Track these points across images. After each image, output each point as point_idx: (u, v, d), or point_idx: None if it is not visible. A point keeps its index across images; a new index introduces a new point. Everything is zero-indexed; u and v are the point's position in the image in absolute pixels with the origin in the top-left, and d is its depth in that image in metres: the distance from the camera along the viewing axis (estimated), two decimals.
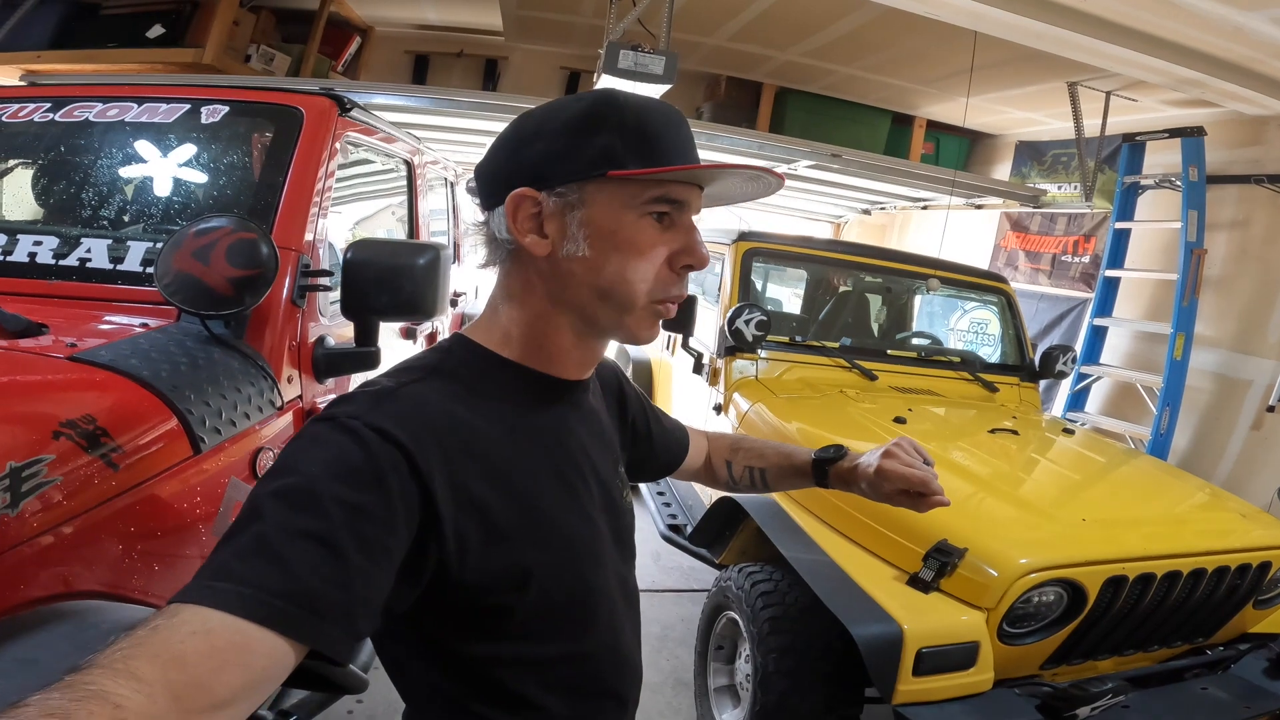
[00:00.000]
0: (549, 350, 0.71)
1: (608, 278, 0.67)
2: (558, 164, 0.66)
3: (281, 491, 0.53)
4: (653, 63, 2.78)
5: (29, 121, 1.61)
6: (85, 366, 1.04)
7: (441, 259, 1.53)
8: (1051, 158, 5.20)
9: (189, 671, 0.43)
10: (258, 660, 0.46)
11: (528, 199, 0.67)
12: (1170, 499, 2.21)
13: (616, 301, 0.67)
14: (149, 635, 0.43)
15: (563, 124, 0.67)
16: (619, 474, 0.83)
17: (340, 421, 0.58)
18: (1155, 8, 2.69)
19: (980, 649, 1.59)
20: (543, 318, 0.70)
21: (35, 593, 0.78)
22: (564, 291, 0.68)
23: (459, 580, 0.61)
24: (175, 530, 1.01)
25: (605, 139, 0.65)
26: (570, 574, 0.69)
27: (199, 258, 1.22)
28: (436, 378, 0.66)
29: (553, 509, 0.68)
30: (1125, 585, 1.70)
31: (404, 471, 0.57)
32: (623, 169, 0.64)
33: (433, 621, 0.64)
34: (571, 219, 0.66)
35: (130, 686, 0.40)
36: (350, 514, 0.53)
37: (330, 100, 1.70)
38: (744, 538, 2.30)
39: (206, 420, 1.12)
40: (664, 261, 0.68)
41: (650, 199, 0.66)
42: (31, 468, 0.81)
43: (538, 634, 0.68)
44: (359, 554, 0.52)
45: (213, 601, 0.46)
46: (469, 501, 0.61)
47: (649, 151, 0.65)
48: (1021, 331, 3.33)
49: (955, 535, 1.70)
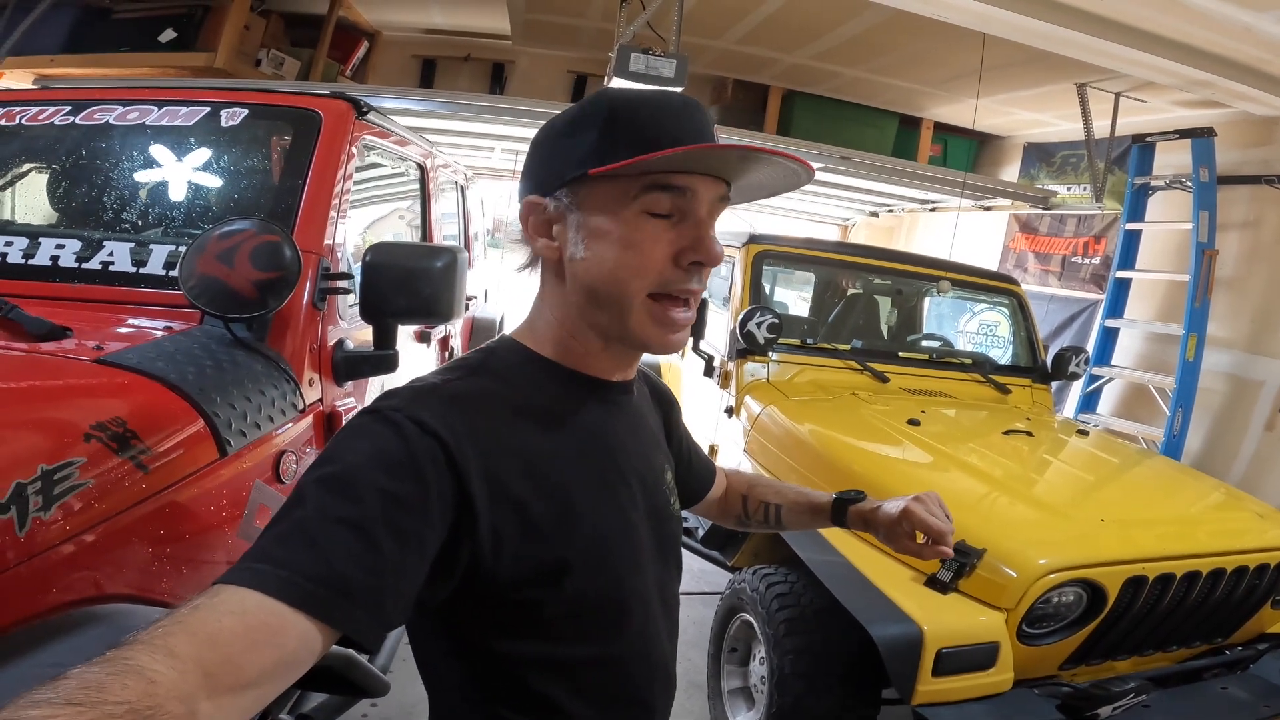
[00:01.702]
0: (581, 351, 0.71)
1: (602, 278, 0.66)
2: (550, 169, 0.68)
3: (323, 479, 0.55)
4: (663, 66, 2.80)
5: (49, 125, 1.62)
6: (112, 369, 1.04)
7: (459, 262, 1.54)
8: (1061, 159, 5.19)
9: (222, 650, 0.44)
10: (289, 641, 0.48)
11: (534, 205, 0.69)
12: (1186, 499, 2.21)
13: (612, 303, 0.67)
14: (189, 614, 0.45)
15: (556, 129, 0.68)
16: (666, 481, 0.82)
17: (383, 414, 0.59)
18: (1163, 8, 2.69)
19: (1000, 649, 1.59)
20: (567, 321, 0.71)
21: (67, 597, 0.78)
22: (571, 293, 0.69)
23: (493, 575, 0.61)
24: (202, 533, 1.01)
25: (589, 137, 0.65)
26: (604, 574, 0.68)
27: (223, 260, 1.22)
28: (479, 375, 0.67)
29: (588, 507, 0.68)
30: (1145, 585, 1.70)
31: (441, 464, 0.58)
32: (605, 164, 0.63)
33: (464, 617, 0.65)
34: (570, 222, 0.67)
35: (166, 663, 0.41)
36: (388, 503, 0.54)
37: (347, 103, 1.71)
38: (756, 540, 2.31)
39: (232, 423, 1.12)
40: (668, 258, 0.66)
41: (642, 190, 0.64)
42: (63, 470, 0.81)
43: (568, 634, 0.67)
44: (394, 543, 0.53)
45: (250, 583, 0.48)
46: (505, 496, 0.61)
47: (639, 143, 0.63)
48: (1033, 333, 3.32)
49: (973, 536, 1.68)
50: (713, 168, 0.66)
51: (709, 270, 0.69)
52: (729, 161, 0.65)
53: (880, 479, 2.01)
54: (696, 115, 0.67)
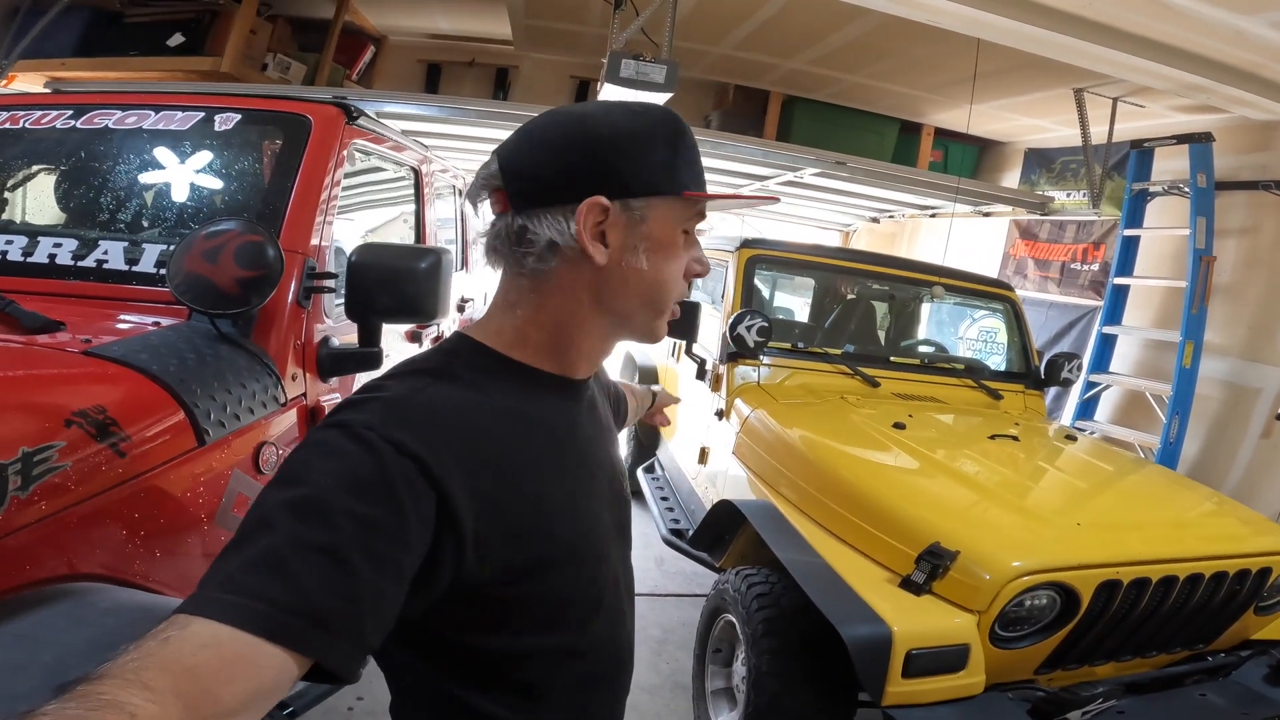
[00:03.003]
0: (571, 352, 0.73)
1: (656, 288, 0.71)
2: (636, 177, 0.68)
3: (292, 503, 0.53)
4: (654, 71, 2.83)
5: (51, 128, 1.68)
6: (98, 360, 1.09)
7: (443, 263, 1.58)
8: (1060, 165, 5.19)
9: (199, 683, 0.43)
10: (266, 673, 0.47)
11: (598, 207, 0.67)
12: (1170, 505, 2.19)
13: (657, 308, 0.73)
14: (159, 647, 0.44)
15: (637, 139, 0.68)
16: (621, 468, 0.86)
17: (354, 430, 0.57)
18: (1154, 12, 2.69)
19: (971, 651, 1.59)
20: (576, 321, 0.71)
21: (40, 573, 0.82)
22: (611, 298, 0.70)
23: (473, 578, 0.61)
24: (178, 518, 1.05)
25: (676, 158, 0.70)
26: (579, 568, 0.70)
27: (208, 259, 1.27)
28: (445, 382, 0.66)
29: (563, 506, 0.69)
30: (1119, 590, 1.69)
31: (419, 484, 0.56)
32: (687, 189, 0.70)
33: (440, 618, 0.64)
34: (635, 231, 0.69)
35: (142, 696, 0.40)
36: (362, 528, 0.53)
37: (337, 109, 1.75)
38: (743, 541, 2.32)
39: (212, 414, 1.17)
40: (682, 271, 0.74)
41: (693, 216, 0.73)
42: (43, 453, 0.85)
43: (541, 626, 0.68)
44: (370, 568, 0.52)
45: (222, 615, 0.47)
46: (486, 505, 0.61)
47: (697, 171, 0.72)
48: (1027, 339, 3.33)
49: (948, 538, 1.71)
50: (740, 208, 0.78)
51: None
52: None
53: (863, 481, 2.03)
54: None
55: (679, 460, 3.49)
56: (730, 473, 2.70)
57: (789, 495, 2.24)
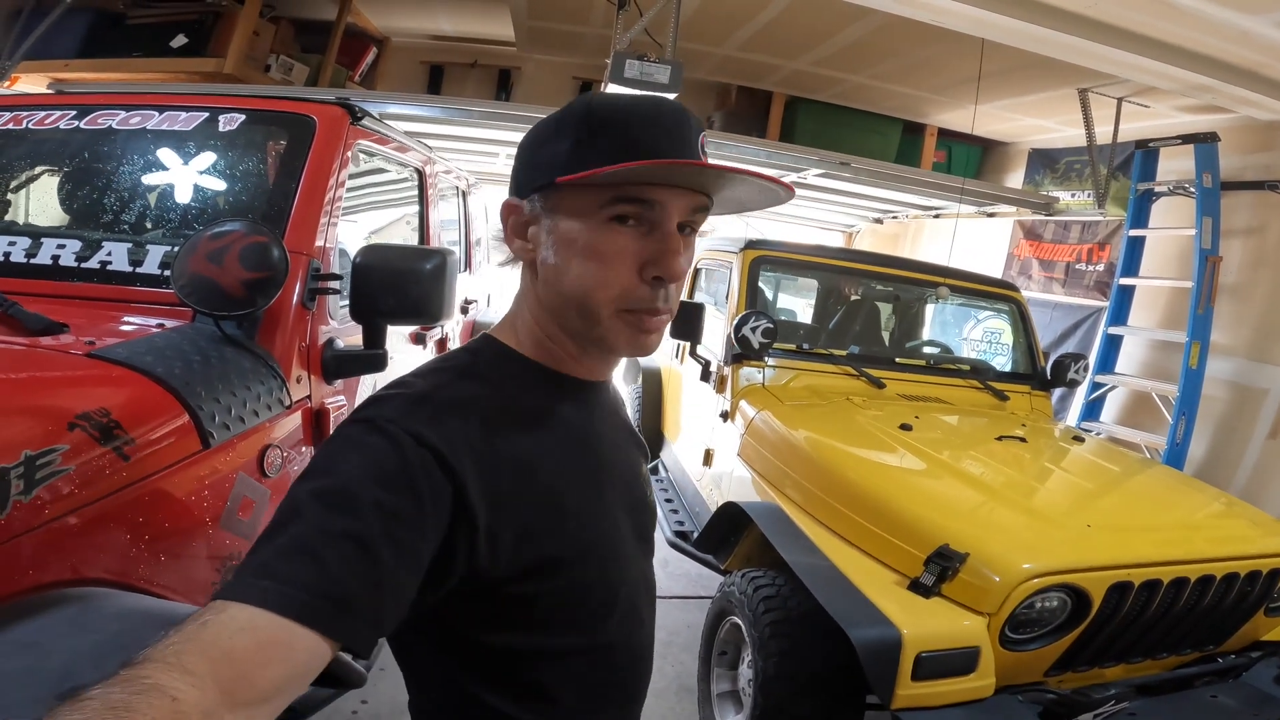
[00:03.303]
0: (559, 353, 0.73)
1: (569, 286, 0.67)
2: (525, 172, 0.70)
3: (321, 492, 0.55)
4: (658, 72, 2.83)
5: (55, 128, 1.67)
6: (102, 363, 1.08)
7: (448, 264, 1.57)
8: (1065, 165, 5.17)
9: (237, 666, 0.45)
10: (299, 655, 0.49)
11: (512, 207, 0.71)
12: (1180, 506, 2.19)
13: (581, 311, 0.68)
14: (199, 630, 0.46)
15: (538, 132, 0.70)
16: (642, 474, 0.85)
17: (378, 425, 0.59)
18: (1159, 12, 2.68)
19: (981, 654, 1.58)
20: (541, 322, 0.72)
21: (43, 578, 0.81)
22: (546, 298, 0.70)
23: (487, 574, 0.62)
24: (182, 522, 1.04)
25: (563, 144, 0.66)
26: (593, 568, 0.70)
27: (213, 260, 1.26)
28: (467, 379, 0.67)
29: (578, 505, 0.69)
30: (1130, 591, 1.68)
31: (437, 476, 0.58)
32: (571, 174, 0.63)
33: (454, 612, 0.65)
34: (542, 227, 0.69)
35: (184, 680, 0.42)
36: (385, 517, 0.54)
37: (342, 109, 1.75)
38: (749, 543, 2.31)
39: (216, 416, 1.16)
40: (634, 270, 0.66)
41: (610, 201, 0.64)
42: (45, 456, 0.84)
43: (557, 625, 0.68)
44: (391, 555, 0.54)
45: (259, 600, 0.48)
46: (500, 501, 0.62)
47: (613, 153, 0.62)
48: (1033, 340, 3.31)
49: (957, 540, 1.70)
50: (683, 181, 0.66)
51: (679, 286, 0.69)
52: (696, 177, 0.65)
53: (869, 483, 2.02)
54: (676, 123, 0.66)
55: (683, 462, 3.48)
56: (735, 474, 2.69)
57: (794, 497, 2.23)
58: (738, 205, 0.73)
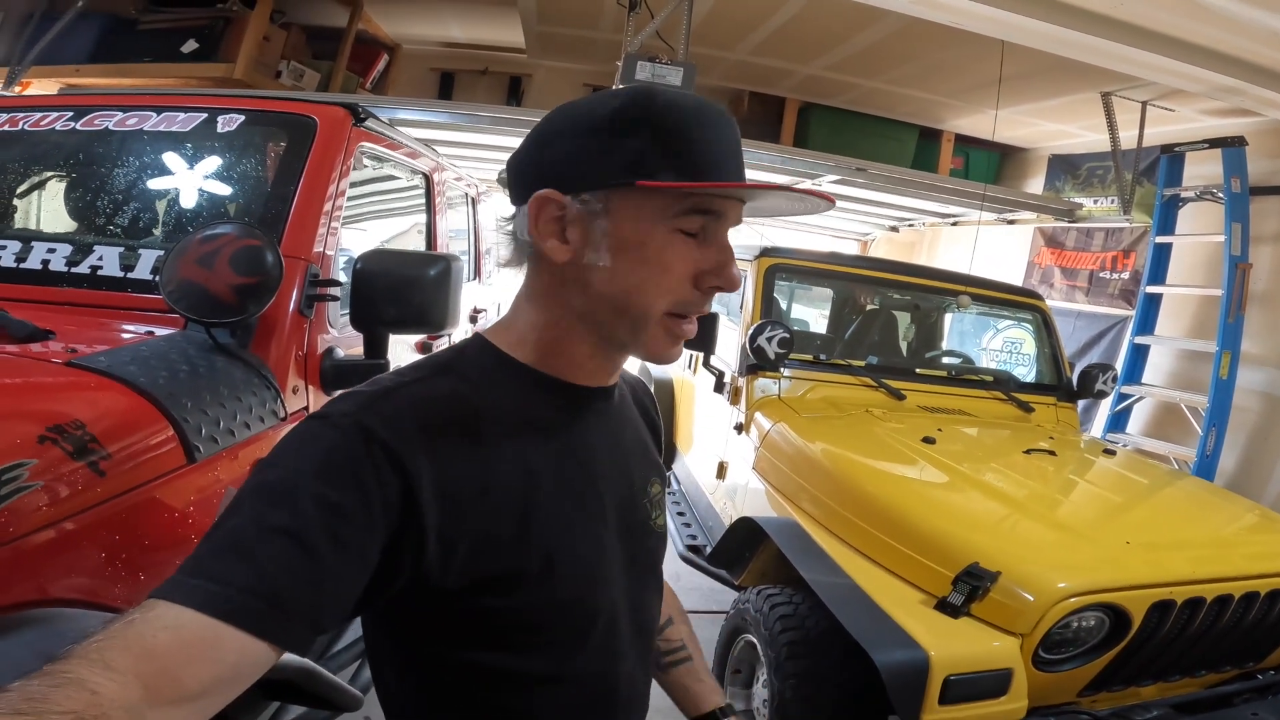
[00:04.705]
0: (565, 357, 0.68)
1: (626, 292, 0.64)
2: (583, 168, 0.63)
3: (261, 487, 0.54)
4: (670, 74, 2.77)
5: (50, 130, 1.63)
6: (81, 371, 1.02)
7: (452, 270, 1.51)
8: (1086, 171, 5.07)
9: (159, 663, 0.44)
10: (228, 655, 0.47)
11: (551, 202, 0.63)
12: (1218, 521, 2.12)
13: (632, 317, 0.64)
14: (123, 629, 0.45)
15: (592, 123, 0.63)
16: (648, 494, 0.77)
17: (332, 419, 0.57)
18: (1188, 13, 2.60)
19: (1014, 676, 1.51)
20: (560, 324, 0.67)
21: (6, 599, 0.75)
22: (581, 301, 0.65)
23: (441, 583, 0.59)
24: (163, 539, 0.98)
25: (636, 143, 0.61)
26: (562, 588, 0.64)
27: (203, 264, 1.21)
28: (444, 376, 0.64)
29: (549, 518, 0.64)
30: (1173, 610, 1.63)
31: (385, 470, 0.55)
32: (652, 179, 0.60)
33: (416, 626, 0.63)
34: (595, 227, 0.63)
35: (104, 675, 0.41)
36: (326, 511, 0.53)
37: (344, 110, 1.70)
38: (764, 559, 2.23)
39: (203, 429, 1.10)
40: (689, 278, 0.64)
41: (682, 211, 0.62)
42: (11, 472, 0.79)
43: (522, 646, 0.64)
44: (332, 552, 0.52)
45: (183, 598, 0.47)
46: (457, 505, 0.59)
47: (685, 159, 0.61)
48: (1058, 349, 3.22)
49: (987, 558, 1.63)
50: (742, 195, 0.65)
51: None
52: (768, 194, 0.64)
53: (893, 498, 1.94)
54: (731, 130, 0.66)
55: (696, 475, 3.40)
56: (750, 488, 2.61)
57: (812, 512, 2.15)
58: (769, 213, 0.72)
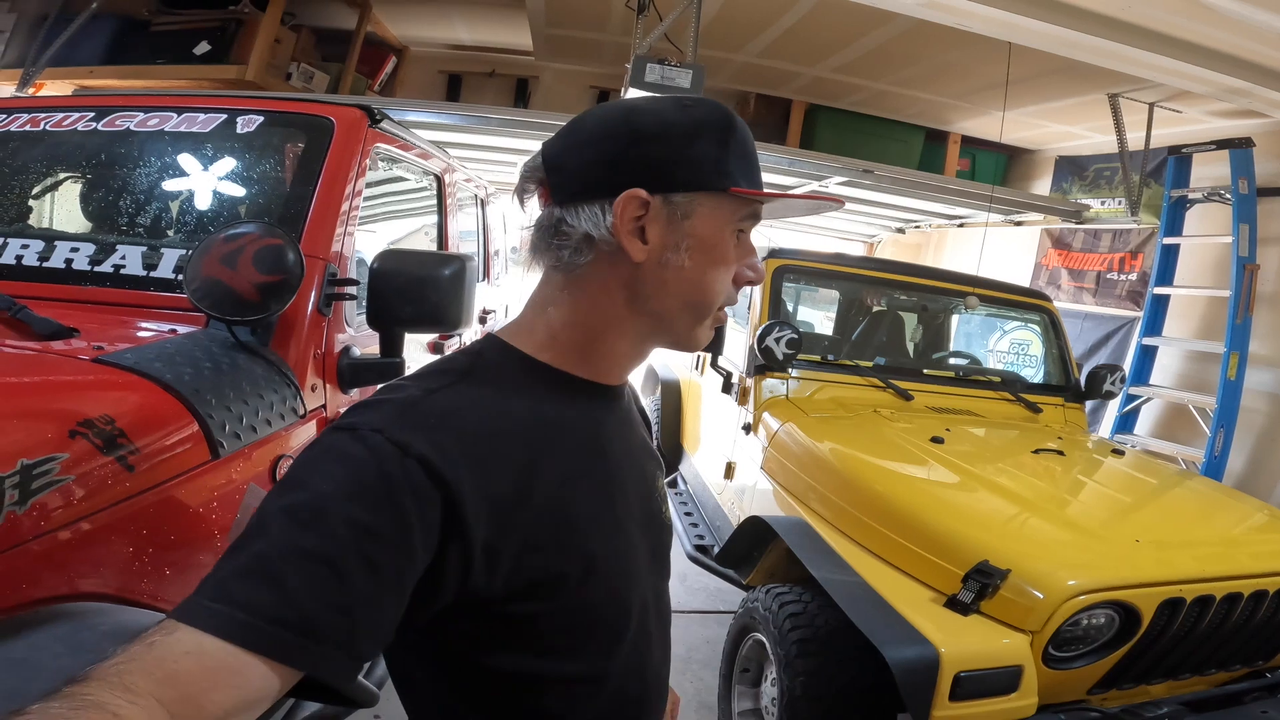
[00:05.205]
0: (600, 354, 0.69)
1: (700, 290, 0.67)
2: (679, 170, 0.65)
3: (290, 508, 0.51)
4: (679, 76, 2.78)
5: (73, 130, 1.65)
6: (108, 368, 1.04)
7: (467, 270, 1.52)
8: (1094, 172, 5.07)
9: (181, 689, 0.43)
10: (251, 682, 0.46)
11: (638, 200, 0.64)
12: (1227, 520, 2.12)
13: (699, 312, 0.68)
14: (144, 651, 0.44)
15: (683, 131, 0.65)
16: (658, 488, 0.79)
17: (360, 433, 0.55)
18: (1195, 15, 2.60)
19: (1024, 673, 1.52)
20: (610, 321, 0.67)
21: (38, 592, 0.76)
22: (649, 299, 0.67)
23: (485, 590, 0.58)
24: (189, 534, 1.00)
25: (720, 152, 0.65)
26: (601, 587, 0.65)
27: (226, 263, 1.22)
28: (468, 382, 0.63)
29: (586, 520, 0.64)
30: (1182, 608, 1.63)
31: (425, 488, 0.54)
32: (737, 185, 0.66)
33: (451, 632, 0.61)
34: (678, 228, 0.65)
35: (125, 698, 0.40)
36: (360, 535, 0.51)
37: (361, 111, 1.71)
38: (772, 558, 2.24)
39: (227, 425, 1.11)
40: (731, 275, 0.69)
41: (746, 216, 0.68)
42: (43, 466, 0.80)
43: (562, 649, 0.64)
44: (366, 577, 0.50)
45: (206, 624, 0.46)
46: (500, 514, 0.58)
47: (749, 169, 0.67)
48: (1066, 350, 3.22)
49: (997, 556, 1.64)
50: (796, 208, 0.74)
51: None
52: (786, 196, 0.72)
53: (902, 497, 1.95)
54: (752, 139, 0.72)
55: (703, 475, 3.41)
56: (758, 488, 2.62)
57: (821, 511, 2.16)
58: (785, 214, 0.76)
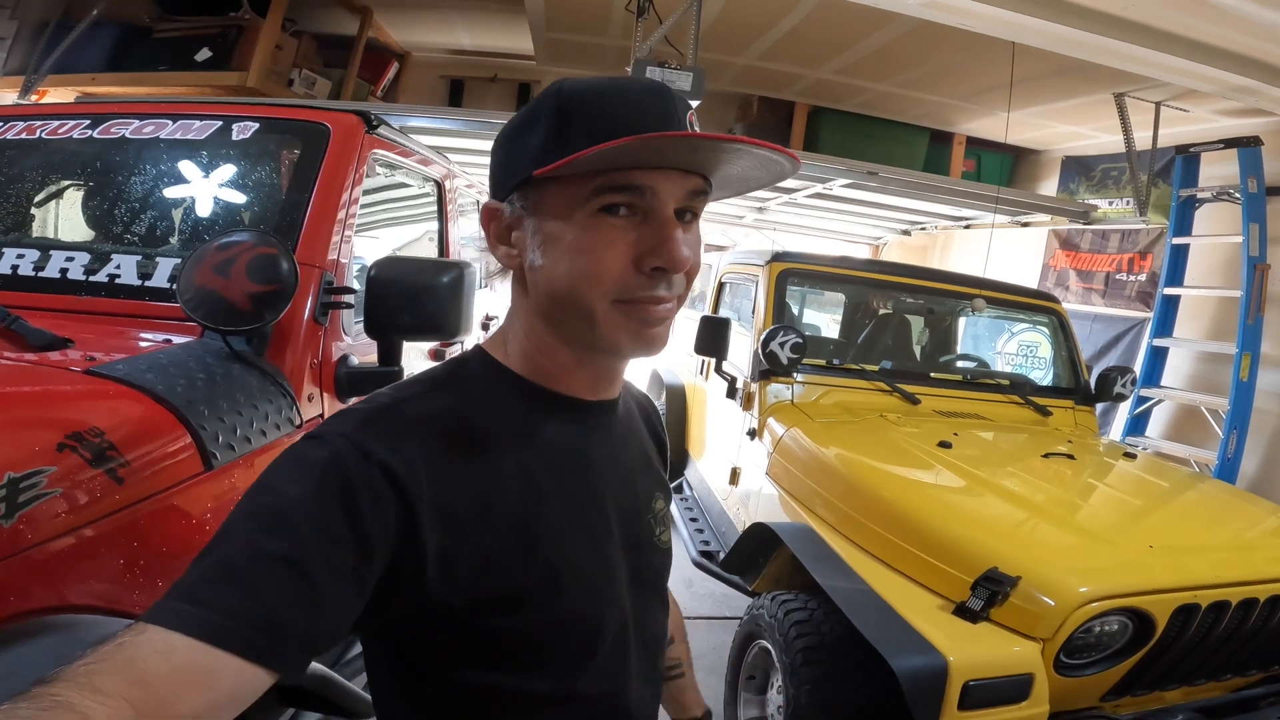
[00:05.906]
0: (551, 367, 0.67)
1: (560, 286, 0.61)
2: (501, 173, 0.65)
3: (255, 512, 0.53)
4: (679, 79, 2.77)
5: (68, 138, 1.64)
6: (99, 380, 1.02)
7: (466, 277, 1.51)
8: (1101, 172, 5.03)
9: (150, 689, 0.43)
10: (221, 682, 0.46)
11: (494, 211, 0.65)
12: (1242, 524, 2.09)
13: (577, 311, 0.61)
14: (114, 651, 0.44)
15: (512, 127, 0.64)
16: (653, 510, 0.76)
17: (326, 439, 0.56)
18: (1199, 13, 2.58)
19: (1035, 681, 1.49)
20: (534, 333, 0.66)
21: (25, 605, 0.75)
22: (539, 303, 0.65)
23: (444, 602, 0.58)
24: (181, 546, 0.98)
25: (537, 136, 0.60)
26: (565, 606, 0.63)
27: (219, 272, 1.21)
28: (443, 391, 0.63)
29: (552, 535, 0.63)
30: (1197, 614, 1.60)
31: (384, 492, 0.55)
32: (549, 164, 0.58)
33: (416, 645, 0.61)
34: (526, 229, 0.63)
35: (95, 699, 0.40)
36: (322, 536, 0.52)
37: (357, 117, 1.70)
38: (778, 565, 2.22)
39: (220, 436, 1.10)
40: (629, 261, 0.60)
41: (593, 193, 0.58)
42: (30, 479, 0.79)
43: (526, 666, 0.63)
44: (327, 577, 0.51)
45: (175, 624, 0.46)
46: (459, 524, 0.58)
47: (589, 138, 0.56)
48: (1075, 352, 3.18)
49: (1007, 563, 1.61)
50: (675, 160, 0.59)
51: (687, 277, 0.63)
52: (687, 154, 0.59)
53: (909, 503, 1.92)
54: (659, 102, 0.60)
55: (709, 481, 3.39)
56: (763, 493, 2.60)
57: (826, 517, 2.13)
58: (741, 184, 0.66)
